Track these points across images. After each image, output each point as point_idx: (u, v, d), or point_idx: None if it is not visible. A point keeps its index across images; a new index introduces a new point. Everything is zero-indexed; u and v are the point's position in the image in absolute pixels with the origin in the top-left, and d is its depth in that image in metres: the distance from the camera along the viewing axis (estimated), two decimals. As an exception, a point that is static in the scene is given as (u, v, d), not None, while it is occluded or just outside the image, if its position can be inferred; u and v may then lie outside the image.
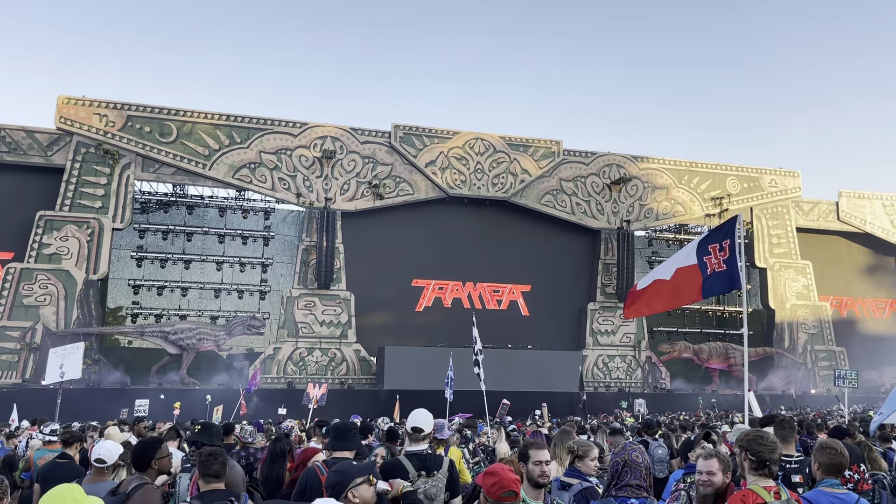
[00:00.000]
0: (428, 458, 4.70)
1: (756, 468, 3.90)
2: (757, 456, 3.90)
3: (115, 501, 4.50)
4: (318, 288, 36.37)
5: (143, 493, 4.51)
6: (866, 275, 47.38)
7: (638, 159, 42.48)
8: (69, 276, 32.52)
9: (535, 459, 4.11)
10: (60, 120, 33.95)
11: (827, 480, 4.16)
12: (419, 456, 4.70)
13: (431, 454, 4.83)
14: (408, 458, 4.67)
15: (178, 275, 37.02)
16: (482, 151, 39.59)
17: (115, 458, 5.58)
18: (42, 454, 8.04)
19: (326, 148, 37.22)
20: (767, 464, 3.89)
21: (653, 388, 39.66)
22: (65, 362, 19.92)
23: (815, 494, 4.04)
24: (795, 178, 45.25)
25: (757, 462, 3.89)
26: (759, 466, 3.89)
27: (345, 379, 35.79)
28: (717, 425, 14.44)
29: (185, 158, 35.26)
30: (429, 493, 4.51)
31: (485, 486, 3.52)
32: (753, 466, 3.90)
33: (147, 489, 4.58)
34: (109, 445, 5.66)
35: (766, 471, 3.89)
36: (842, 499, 3.98)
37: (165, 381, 32.80)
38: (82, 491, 3.11)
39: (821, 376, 41.36)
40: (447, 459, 4.82)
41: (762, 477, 3.89)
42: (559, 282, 40.75)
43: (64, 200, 33.55)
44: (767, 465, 3.89)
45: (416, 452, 4.75)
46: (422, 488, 4.49)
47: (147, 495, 4.52)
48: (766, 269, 43.54)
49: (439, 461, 4.72)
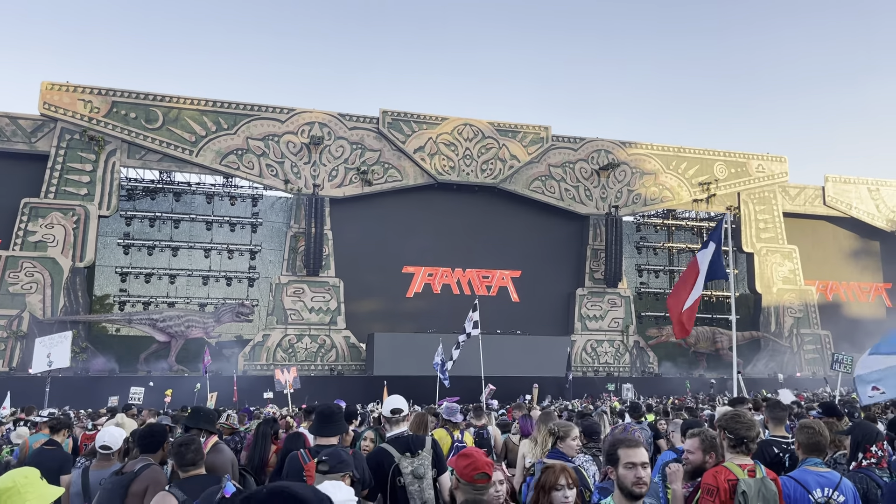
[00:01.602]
0: (409, 439, 4.80)
1: (734, 446, 4.01)
2: (735, 434, 4.01)
3: (122, 480, 4.55)
4: (307, 275, 36.32)
5: (151, 472, 4.59)
6: (852, 259, 47.81)
7: (626, 145, 42.56)
8: (55, 264, 32.30)
9: (628, 461, 3.33)
10: (44, 106, 33.58)
11: (810, 460, 4.24)
12: (400, 439, 4.81)
13: (412, 435, 4.93)
14: (390, 442, 4.75)
15: (165, 262, 36.86)
16: (471, 137, 39.53)
17: (120, 444, 5.59)
18: (37, 438, 8.10)
19: (314, 134, 37.04)
20: (745, 441, 3.99)
21: (641, 372, 39.96)
22: (52, 351, 19.83)
23: (800, 473, 4.13)
24: (782, 164, 45.49)
25: (735, 440, 4.00)
26: (737, 444, 4.00)
27: (334, 365, 35.84)
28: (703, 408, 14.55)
29: (172, 145, 35.00)
30: (417, 473, 4.59)
31: (458, 467, 3.56)
32: (732, 444, 4.01)
33: (154, 469, 4.67)
34: (114, 431, 5.69)
35: (744, 448, 4.00)
36: (826, 477, 4.07)
37: (154, 369, 32.74)
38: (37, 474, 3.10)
39: (806, 360, 41.83)
40: (429, 438, 4.91)
41: (739, 455, 4.00)
42: (548, 267, 40.88)
43: (49, 187, 33.26)
44: (745, 442, 3.99)
45: (397, 436, 4.87)
46: (409, 469, 4.55)
47: (155, 474, 4.59)
48: (753, 254, 43.87)
49: (422, 441, 4.80)
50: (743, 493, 3.75)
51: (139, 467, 4.60)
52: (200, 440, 4.67)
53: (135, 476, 4.51)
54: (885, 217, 47.42)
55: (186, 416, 6.19)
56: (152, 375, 30.58)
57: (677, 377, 36.91)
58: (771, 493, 3.83)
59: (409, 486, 4.53)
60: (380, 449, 4.76)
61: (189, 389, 25.07)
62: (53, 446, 6.84)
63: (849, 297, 47.19)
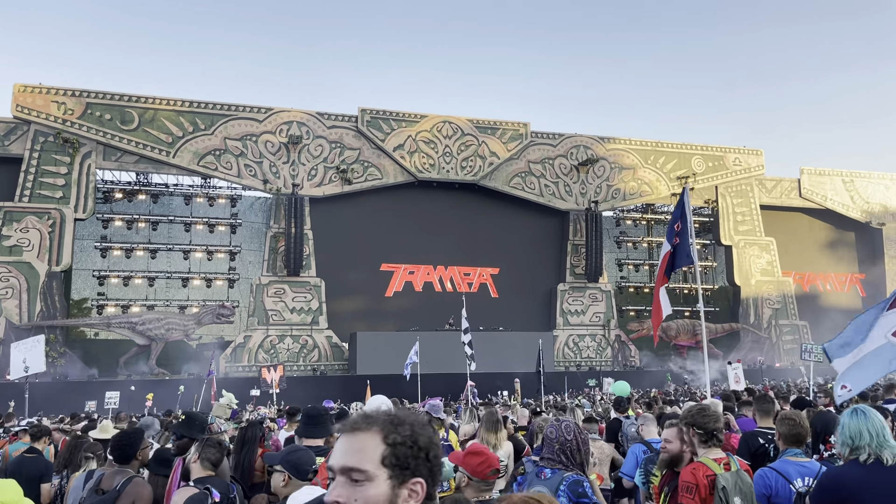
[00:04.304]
0: None
1: (705, 441, 4.07)
2: (703, 428, 4.07)
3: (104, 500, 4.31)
4: (288, 275, 36.10)
5: (135, 487, 4.36)
6: (828, 250, 48.48)
7: (605, 140, 42.77)
8: (31, 269, 31.80)
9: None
10: (17, 108, 33.02)
11: (790, 450, 4.29)
12: None
13: None
14: None
15: (144, 265, 36.41)
16: (450, 135, 39.50)
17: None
18: (17, 447, 7.98)
19: (292, 133, 36.81)
20: (715, 433, 4.05)
21: (623, 366, 40.24)
22: (27, 356, 19.50)
23: (781, 464, 4.18)
24: (759, 157, 45.97)
25: (705, 434, 4.06)
26: (708, 438, 4.07)
27: (317, 365, 35.69)
28: (683, 400, 14.71)
29: (148, 146, 34.60)
30: None
31: (469, 465, 3.53)
32: (703, 439, 4.07)
33: (136, 482, 4.44)
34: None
35: (715, 441, 4.06)
36: (807, 467, 4.13)
37: (134, 373, 32.38)
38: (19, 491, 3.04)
39: (785, 350, 42.34)
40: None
41: (712, 448, 4.06)
42: (529, 263, 41.01)
43: (23, 191, 32.72)
44: (715, 434, 4.05)
45: None
46: None
47: (138, 488, 4.37)
48: (732, 247, 44.31)
49: None
50: (723, 489, 3.81)
51: (121, 483, 4.40)
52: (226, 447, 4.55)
53: (118, 494, 4.32)
54: (860, 208, 48.13)
55: (179, 423, 6.10)
56: (132, 380, 30.24)
57: (658, 370, 37.22)
58: (747, 485, 3.91)
59: None
60: None
61: (171, 392, 24.83)
62: (34, 454, 6.75)
63: (825, 287, 47.84)
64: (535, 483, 3.81)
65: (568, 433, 3.90)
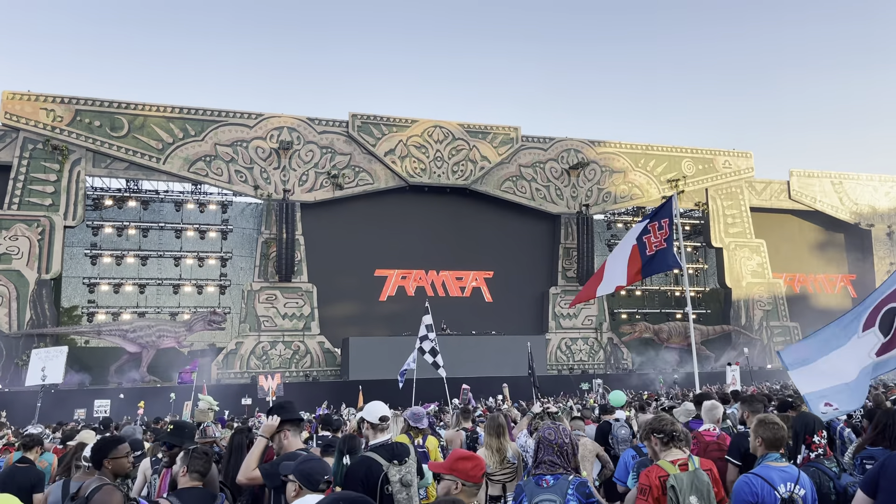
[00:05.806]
0: (395, 447, 4.75)
1: (666, 443, 4.22)
2: (662, 431, 4.24)
3: None
4: (280, 281, 36.02)
5: (102, 495, 4.20)
6: (817, 251, 48.78)
7: (595, 144, 42.93)
8: (20, 277, 31.63)
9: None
10: (6, 116, 32.86)
11: (771, 455, 4.26)
12: (385, 446, 4.74)
13: (396, 443, 4.89)
14: (375, 450, 4.68)
15: (134, 271, 36.23)
16: (441, 139, 39.55)
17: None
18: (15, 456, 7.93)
19: (283, 139, 36.77)
20: (674, 435, 4.21)
21: (615, 368, 40.34)
22: (47, 365, 19.50)
23: (764, 470, 4.14)
24: (748, 159, 46.25)
25: (666, 437, 4.22)
26: (669, 440, 4.22)
27: (309, 371, 35.60)
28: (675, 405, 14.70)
29: (138, 153, 34.49)
30: (405, 481, 4.55)
31: (462, 470, 3.56)
32: (664, 442, 4.23)
33: (106, 490, 4.28)
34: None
35: (675, 442, 4.21)
36: (786, 471, 4.12)
37: (125, 381, 32.20)
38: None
39: (776, 351, 42.43)
40: (410, 445, 4.90)
41: (672, 450, 4.20)
42: (521, 267, 41.08)
43: (12, 199, 32.54)
44: (674, 436, 4.21)
45: (381, 443, 4.80)
46: (397, 477, 4.52)
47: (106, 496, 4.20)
48: (722, 249, 44.52)
49: (406, 448, 4.77)
50: (672, 488, 3.91)
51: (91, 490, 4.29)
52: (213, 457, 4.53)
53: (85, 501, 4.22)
54: (849, 209, 48.48)
55: (169, 433, 6.06)
56: (124, 387, 30.09)
57: (651, 372, 37.32)
58: (703, 484, 3.98)
59: (397, 494, 4.48)
60: (366, 457, 4.68)
61: (163, 399, 24.73)
62: (26, 464, 6.70)
63: (816, 288, 48.12)
64: (538, 493, 3.81)
65: (565, 436, 3.99)
